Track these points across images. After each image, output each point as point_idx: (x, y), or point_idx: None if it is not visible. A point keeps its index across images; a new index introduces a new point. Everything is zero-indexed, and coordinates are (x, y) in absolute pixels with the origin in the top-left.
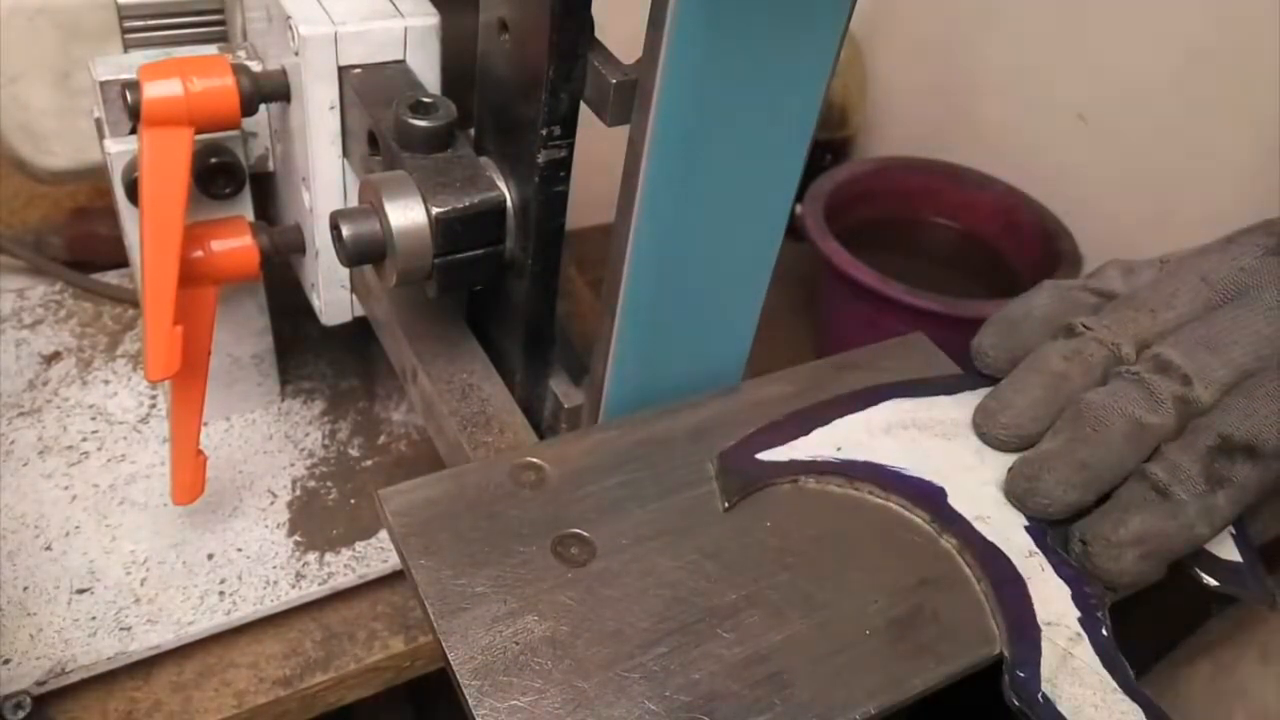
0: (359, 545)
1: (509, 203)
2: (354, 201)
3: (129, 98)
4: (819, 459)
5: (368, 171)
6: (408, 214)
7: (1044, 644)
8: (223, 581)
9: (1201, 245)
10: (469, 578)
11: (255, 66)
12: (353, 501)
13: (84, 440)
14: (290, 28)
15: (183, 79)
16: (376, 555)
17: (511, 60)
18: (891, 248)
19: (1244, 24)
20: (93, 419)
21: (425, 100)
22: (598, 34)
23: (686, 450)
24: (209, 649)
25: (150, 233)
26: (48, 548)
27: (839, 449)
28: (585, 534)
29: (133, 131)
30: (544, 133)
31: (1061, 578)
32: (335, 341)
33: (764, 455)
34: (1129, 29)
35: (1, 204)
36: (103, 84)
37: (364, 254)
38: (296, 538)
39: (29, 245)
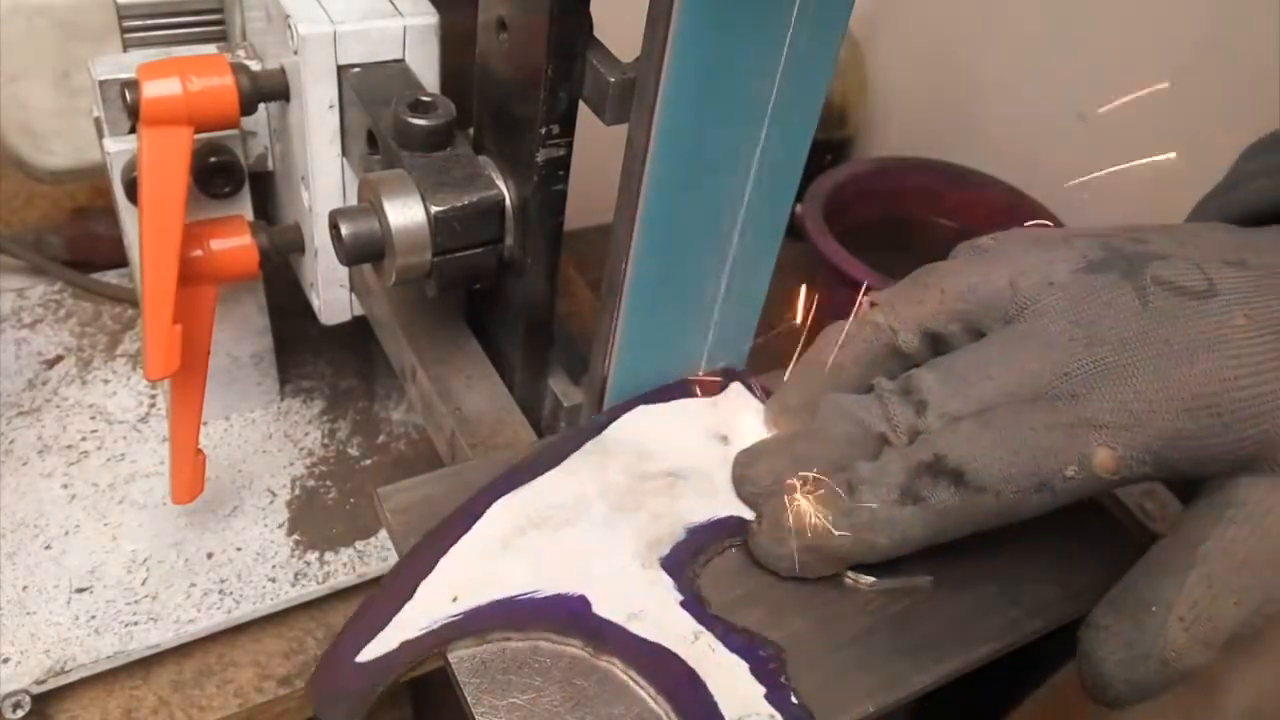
0: (358, 544)
1: (508, 201)
2: (353, 200)
3: (128, 97)
4: (435, 625)
5: (367, 170)
6: (407, 212)
7: None
8: (223, 580)
9: (1047, 232)
10: None
11: (254, 66)
12: (352, 500)
13: (84, 440)
14: (289, 27)
15: (182, 78)
16: (376, 554)
17: (510, 59)
18: (891, 248)
19: (1245, 24)
20: (92, 418)
21: (424, 99)
22: (597, 33)
23: None
24: (209, 648)
25: (150, 232)
26: (48, 547)
27: (455, 599)
28: None
29: (132, 131)
30: (543, 131)
31: (734, 650)
32: (335, 341)
33: (365, 655)
34: (1129, 29)
35: (1, 204)
36: (102, 83)
37: (363, 253)
38: (296, 537)
39: (29, 245)
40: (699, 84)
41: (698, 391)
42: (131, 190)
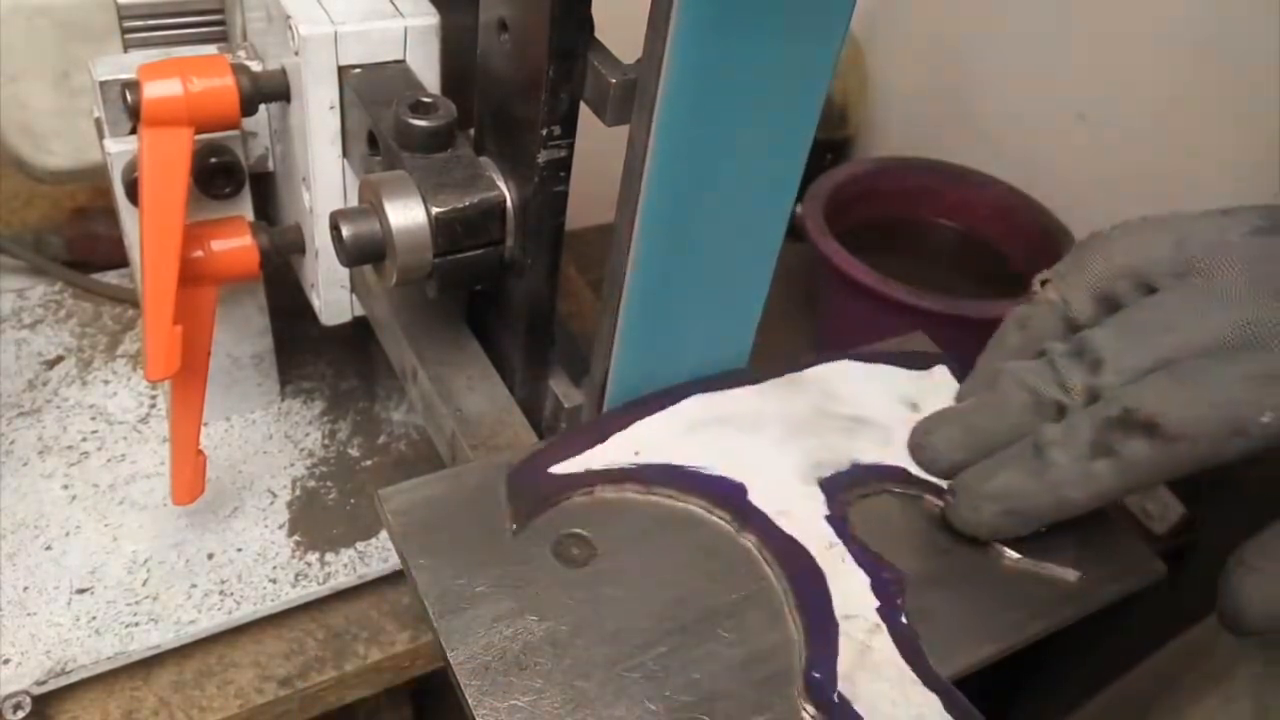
0: (359, 545)
1: (509, 202)
2: (354, 201)
3: (129, 97)
4: (614, 466)
5: (368, 171)
6: (407, 214)
7: (842, 639)
8: (223, 581)
9: (1201, 210)
10: (469, 577)
11: (255, 66)
12: (352, 501)
13: (84, 440)
14: (290, 27)
15: (182, 79)
16: (377, 555)
17: (511, 60)
18: (891, 248)
19: (1244, 23)
20: (93, 419)
21: (425, 100)
22: (598, 34)
23: None
24: (209, 649)
25: (150, 232)
26: (48, 548)
27: (636, 453)
28: (585, 534)
29: (133, 131)
30: (544, 132)
31: (862, 567)
32: (335, 341)
33: (556, 469)
34: (1129, 29)
35: (1, 204)
36: (103, 84)
37: (364, 254)
38: (297, 537)
39: (29, 245)
40: (699, 85)
41: (909, 361)
42: (132, 191)
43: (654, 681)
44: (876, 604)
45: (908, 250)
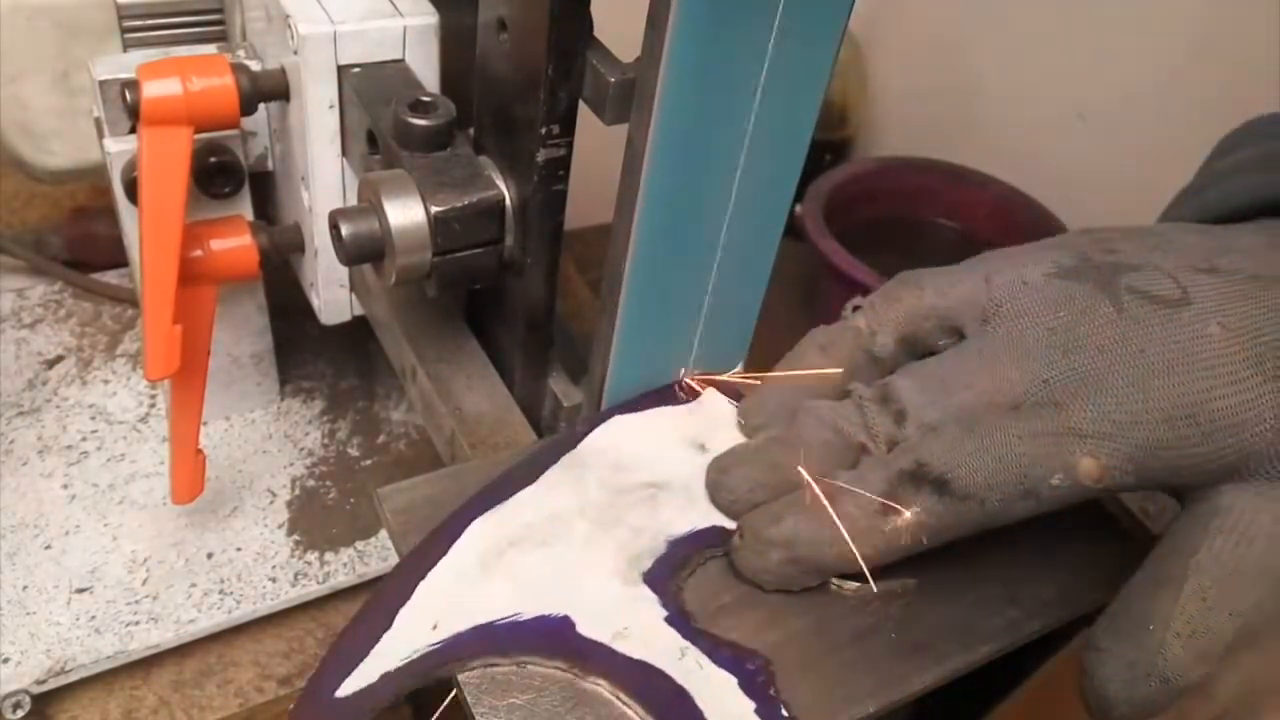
0: (359, 544)
1: (508, 201)
2: (353, 200)
3: (128, 97)
4: (415, 655)
5: (367, 170)
6: (407, 213)
7: None
8: (223, 580)
9: (1020, 246)
10: None
11: (254, 66)
12: (352, 500)
13: (84, 440)
14: (289, 27)
15: (182, 78)
16: (376, 554)
17: (510, 59)
18: (891, 248)
19: (1244, 24)
20: (92, 419)
21: (424, 99)
22: (597, 33)
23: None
24: (209, 648)
25: (150, 232)
26: (48, 547)
27: (435, 627)
28: None
29: (132, 131)
30: (543, 131)
31: (723, 667)
32: (335, 341)
33: (344, 689)
34: (1129, 29)
35: (1, 204)
36: (102, 83)
37: (363, 253)
38: (296, 537)
39: (29, 245)
40: (698, 84)
41: (676, 398)
42: (131, 190)
43: None
44: (753, 705)
45: (908, 250)
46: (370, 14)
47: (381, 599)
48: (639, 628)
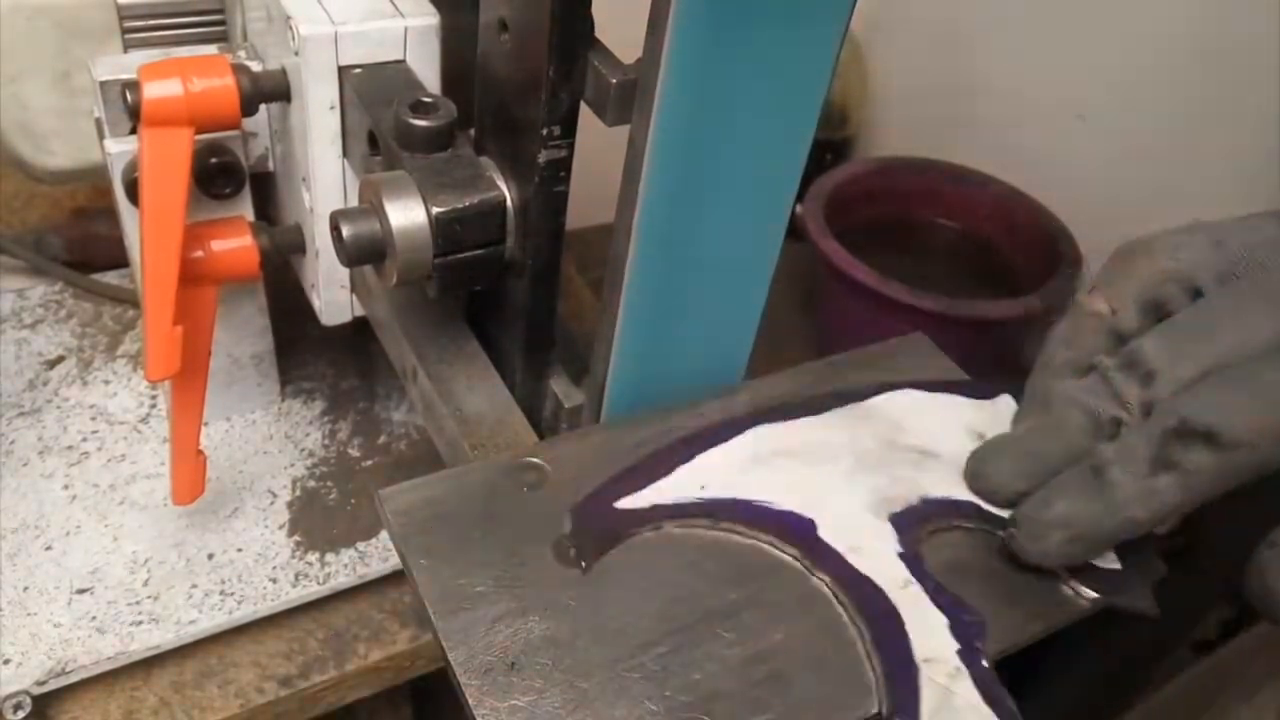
0: (360, 545)
1: (509, 202)
2: (354, 201)
3: (129, 98)
4: (682, 501)
5: (368, 171)
6: (408, 214)
7: (923, 684)
8: (223, 581)
9: (1235, 217)
10: (469, 578)
11: (255, 66)
12: (353, 501)
13: (84, 440)
14: (290, 27)
15: (182, 79)
16: (377, 555)
17: (511, 60)
18: (891, 248)
19: (1244, 24)
20: (93, 419)
21: (425, 100)
22: (598, 34)
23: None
24: (210, 649)
25: (150, 233)
26: (48, 548)
27: (703, 487)
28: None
29: (133, 131)
30: (544, 133)
31: (939, 607)
32: (335, 341)
33: (622, 503)
34: (1129, 29)
35: (1, 204)
36: (103, 84)
37: (364, 254)
38: (297, 538)
39: (29, 245)
40: (699, 85)
41: (969, 391)
42: (132, 191)
43: (653, 681)
44: (957, 647)
45: (908, 250)
46: (371, 15)
47: (668, 453)
48: (872, 551)
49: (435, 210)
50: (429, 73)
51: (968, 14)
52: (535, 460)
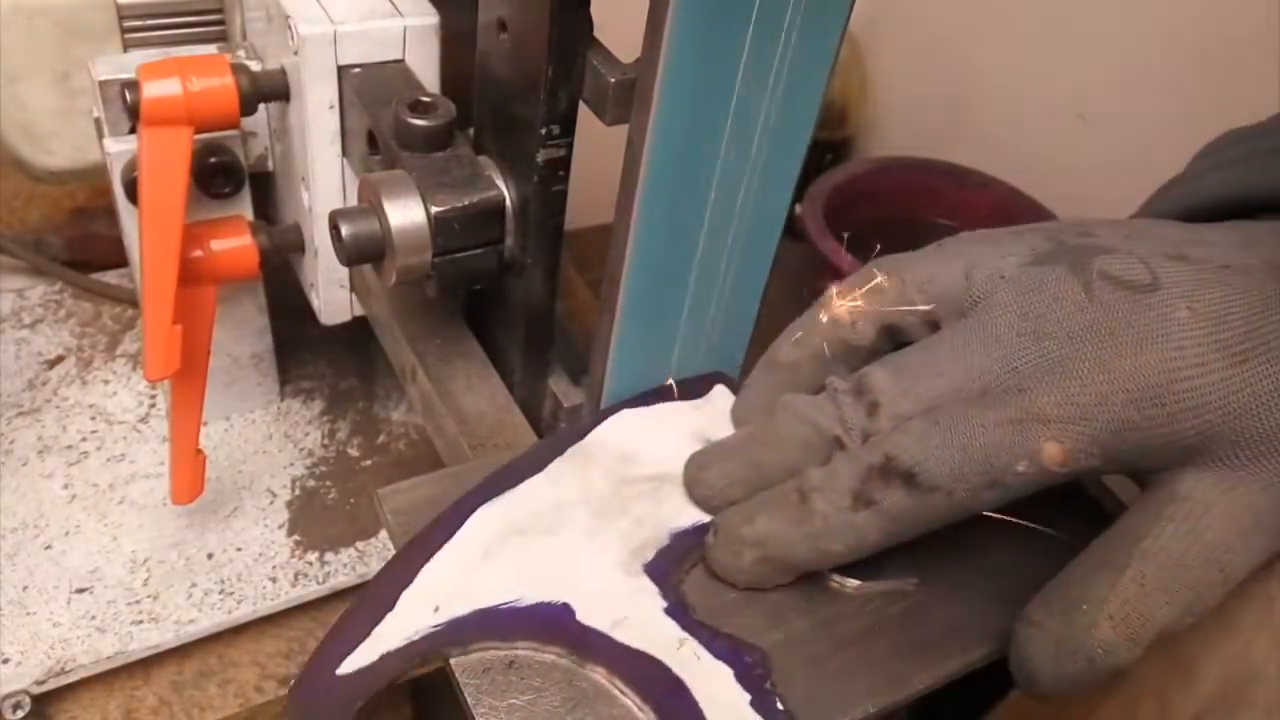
0: (359, 544)
1: (508, 202)
2: (353, 201)
3: (128, 97)
4: (416, 636)
5: (367, 171)
6: (407, 213)
7: None
8: (223, 581)
9: (999, 230)
10: None
11: (255, 66)
12: (352, 501)
13: (84, 440)
14: (290, 27)
15: (182, 78)
16: (376, 554)
17: (511, 60)
18: (891, 248)
19: (1244, 24)
20: (92, 419)
21: (424, 99)
22: (597, 34)
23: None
24: (209, 648)
25: (150, 232)
26: (48, 547)
27: (436, 609)
28: None
29: (132, 131)
30: (543, 132)
31: (718, 657)
32: (335, 341)
33: (345, 667)
34: (1129, 29)
35: (1, 204)
36: (102, 84)
37: (363, 253)
38: (296, 537)
39: (29, 245)
40: (697, 84)
41: (681, 394)
42: (131, 190)
43: None
44: (749, 698)
45: (908, 250)
46: (370, 14)
47: (384, 581)
48: (638, 617)
49: (434, 209)
50: (428, 72)
51: (968, 14)
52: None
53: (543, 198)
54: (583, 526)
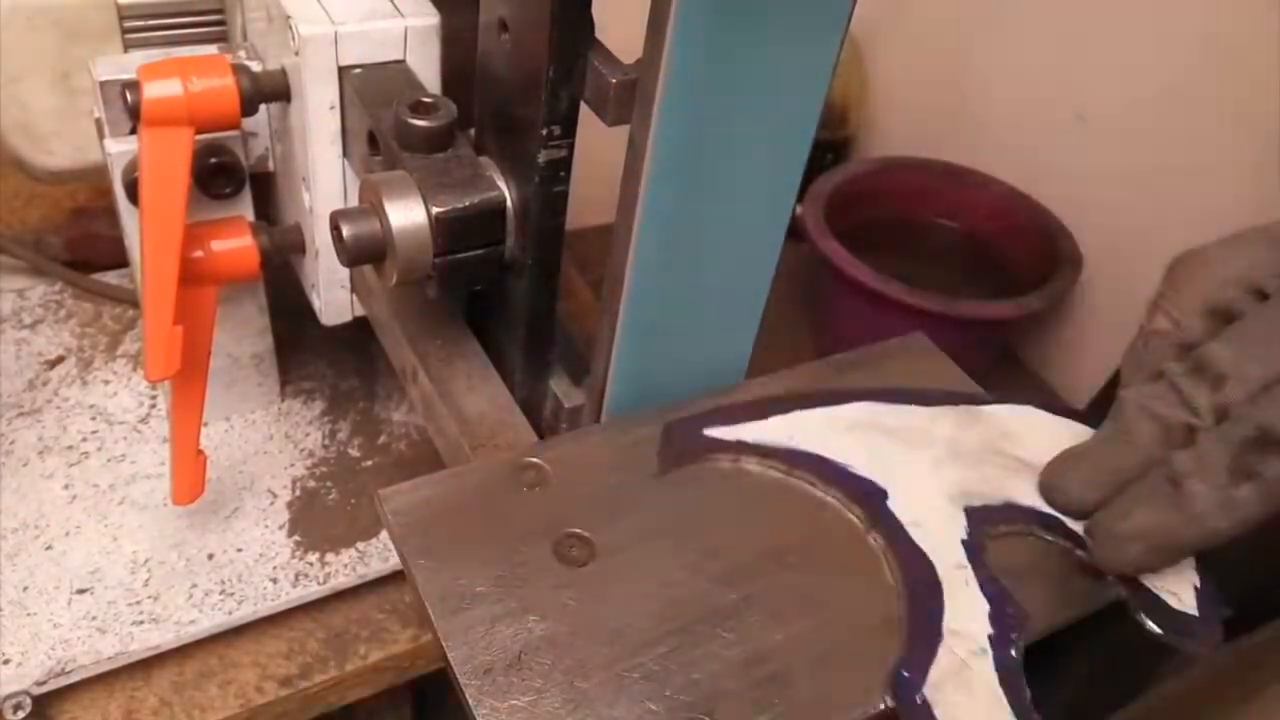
0: (360, 545)
1: (509, 202)
2: (354, 201)
3: (129, 98)
4: (765, 443)
5: (368, 171)
6: (408, 214)
7: (941, 650)
8: (223, 581)
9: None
10: (469, 578)
11: (255, 66)
12: (353, 501)
13: (84, 440)
14: (290, 28)
15: (182, 79)
16: (377, 555)
17: (511, 60)
18: (891, 248)
19: (1244, 24)
20: (93, 419)
21: (425, 100)
22: (598, 34)
23: None
24: (210, 649)
25: (150, 233)
26: (48, 548)
27: (791, 437)
28: (586, 534)
29: (133, 131)
30: (544, 132)
31: (985, 595)
32: (335, 341)
33: (711, 431)
34: (1129, 29)
35: (1, 204)
36: (103, 84)
37: (364, 254)
38: (297, 538)
39: (29, 245)
40: (699, 85)
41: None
42: (132, 191)
43: (654, 681)
44: (990, 631)
45: (908, 250)
46: (371, 15)
47: (768, 402)
48: (935, 529)
49: (435, 210)
50: (429, 73)
51: (968, 14)
52: (535, 460)
53: (543, 198)
54: (936, 456)
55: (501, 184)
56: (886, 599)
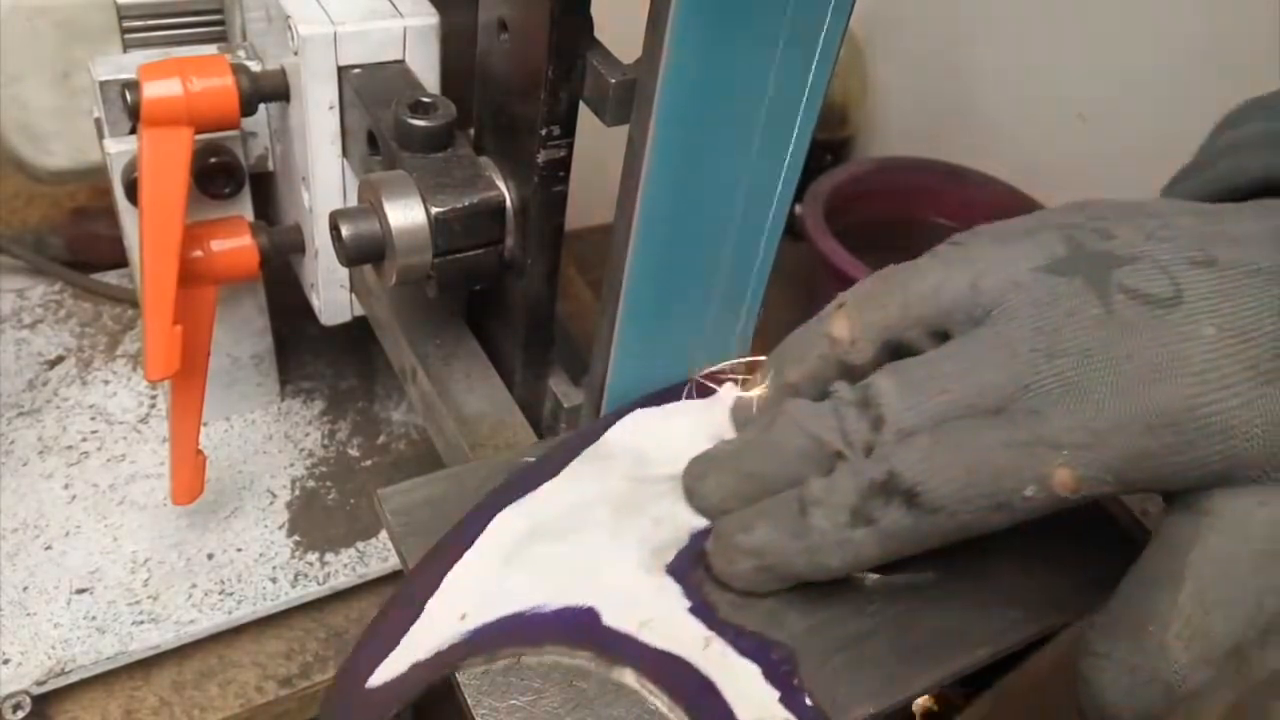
0: (359, 545)
1: (508, 202)
2: (353, 201)
3: (129, 97)
4: (444, 646)
5: (367, 171)
6: (407, 214)
7: None
8: (223, 581)
9: (1010, 225)
10: None
11: (255, 66)
12: (352, 501)
13: (84, 440)
14: (290, 28)
15: (182, 79)
16: (376, 555)
17: (511, 60)
18: (891, 248)
19: (1244, 23)
20: (93, 419)
21: (425, 100)
22: (597, 34)
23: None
24: (209, 649)
25: (150, 233)
26: (48, 548)
27: (463, 617)
28: None
29: (132, 131)
30: (543, 132)
31: (745, 655)
32: (335, 341)
33: (376, 680)
34: (1129, 29)
35: (1, 204)
36: (102, 84)
37: (363, 254)
38: (296, 538)
39: (29, 245)
40: (698, 85)
41: (694, 393)
42: (132, 191)
43: None
44: (777, 695)
45: (908, 250)
46: (371, 15)
47: (410, 589)
48: (663, 618)
49: (434, 210)
50: (428, 73)
51: (968, 14)
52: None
53: (543, 198)
54: (604, 528)
55: (501, 184)
56: None
